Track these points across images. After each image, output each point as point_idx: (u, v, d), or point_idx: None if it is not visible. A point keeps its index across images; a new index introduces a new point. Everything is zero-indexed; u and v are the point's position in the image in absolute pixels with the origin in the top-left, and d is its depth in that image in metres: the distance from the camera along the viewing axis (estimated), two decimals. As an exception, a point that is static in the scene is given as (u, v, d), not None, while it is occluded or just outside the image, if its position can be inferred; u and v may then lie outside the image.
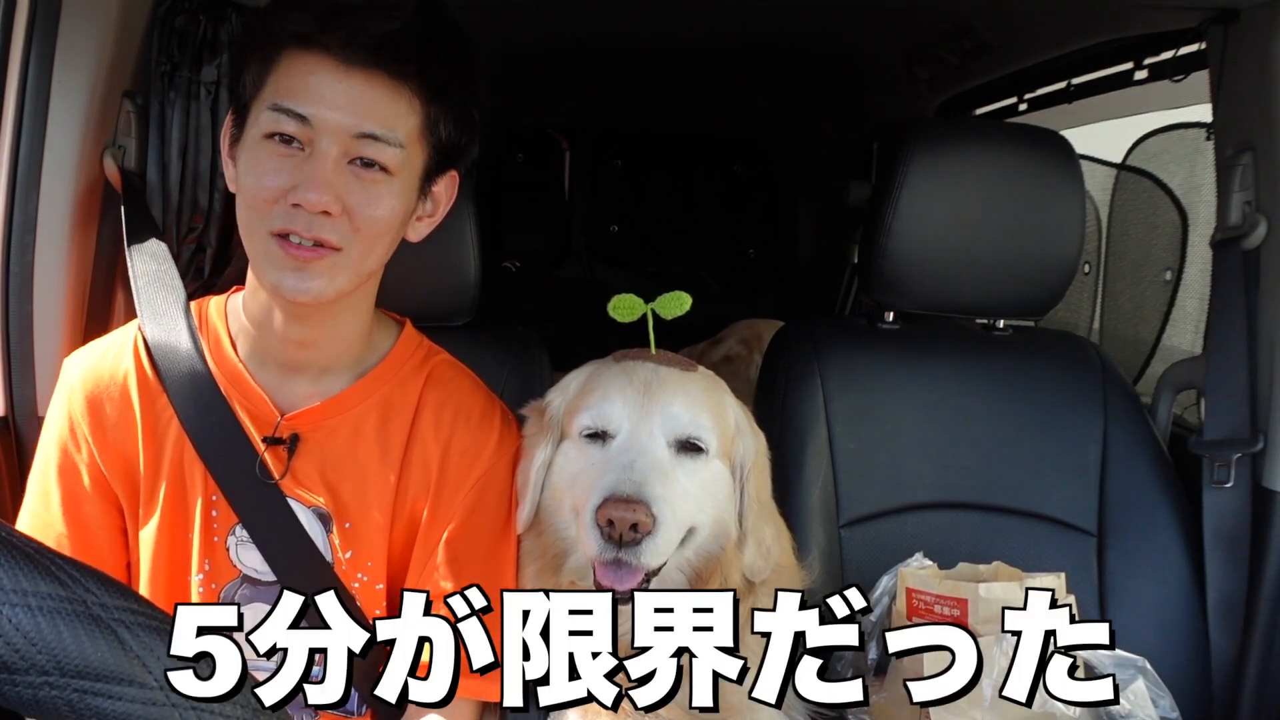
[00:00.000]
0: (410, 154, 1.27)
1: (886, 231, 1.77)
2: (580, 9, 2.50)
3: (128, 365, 1.37)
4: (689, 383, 1.39)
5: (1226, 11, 1.72)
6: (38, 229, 1.55)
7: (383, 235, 1.29)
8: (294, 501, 1.35)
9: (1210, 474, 1.72)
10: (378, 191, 1.25)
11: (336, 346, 1.38)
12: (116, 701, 0.59)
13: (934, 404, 1.82)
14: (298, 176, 1.21)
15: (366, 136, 1.23)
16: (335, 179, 1.22)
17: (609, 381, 1.38)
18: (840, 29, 2.65)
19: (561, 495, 1.38)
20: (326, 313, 1.32)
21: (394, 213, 1.28)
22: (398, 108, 1.25)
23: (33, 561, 0.60)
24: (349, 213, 1.24)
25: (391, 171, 1.26)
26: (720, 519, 1.39)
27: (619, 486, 1.25)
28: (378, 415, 1.39)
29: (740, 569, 1.42)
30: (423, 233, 1.39)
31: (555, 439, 1.42)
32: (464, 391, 1.45)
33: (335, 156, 1.22)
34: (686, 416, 1.34)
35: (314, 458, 1.36)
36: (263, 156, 1.23)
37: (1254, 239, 1.70)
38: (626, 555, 1.24)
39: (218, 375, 1.36)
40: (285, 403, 1.37)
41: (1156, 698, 1.38)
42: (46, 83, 1.51)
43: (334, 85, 1.21)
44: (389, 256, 1.35)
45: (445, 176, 1.38)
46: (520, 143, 4.52)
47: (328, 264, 1.25)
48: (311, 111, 1.21)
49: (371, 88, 1.22)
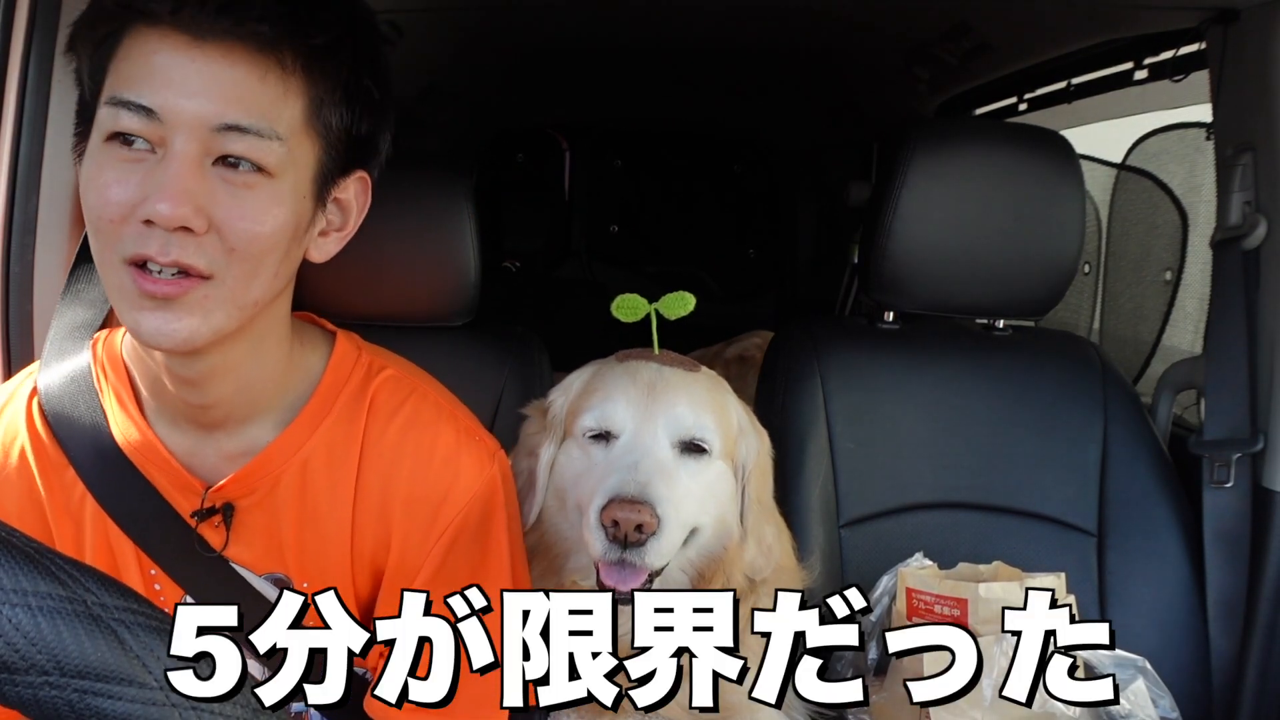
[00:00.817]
0: (294, 149, 1.00)
1: (886, 232, 1.77)
2: (580, 9, 2.50)
3: (23, 440, 1.15)
4: (693, 383, 1.39)
5: (1226, 11, 1.71)
6: (38, 229, 1.55)
7: (265, 255, 1.01)
8: (246, 571, 1.17)
9: (1210, 474, 1.72)
10: (253, 199, 0.98)
11: (247, 398, 1.12)
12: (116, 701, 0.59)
13: (934, 404, 1.82)
14: (147, 186, 0.95)
15: (231, 129, 0.96)
16: (195, 185, 0.95)
17: (612, 382, 1.38)
18: (840, 29, 2.65)
19: (564, 495, 1.38)
20: (220, 369, 1.07)
21: (278, 225, 1.01)
22: (269, 89, 0.97)
23: (32, 561, 0.60)
24: (217, 229, 0.97)
25: (270, 172, 0.99)
26: (723, 519, 1.39)
27: (623, 487, 1.24)
28: (322, 456, 1.16)
29: (742, 568, 1.42)
30: (329, 250, 1.12)
31: (558, 438, 1.42)
32: (418, 423, 1.19)
33: (194, 156, 0.95)
34: (690, 417, 1.34)
35: (256, 521, 1.16)
36: (104, 164, 0.97)
37: (1254, 239, 1.69)
38: (631, 556, 1.24)
39: (126, 446, 1.13)
40: (206, 469, 1.15)
41: (1156, 698, 1.38)
42: (46, 83, 1.51)
43: (184, 66, 0.94)
44: (285, 282, 1.09)
45: (352, 179, 1.11)
46: (520, 143, 4.52)
47: (197, 298, 0.98)
48: (158, 101, 0.94)
49: (232, 65, 0.95)
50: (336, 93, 1.03)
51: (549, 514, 1.40)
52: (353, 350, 1.23)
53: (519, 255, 4.46)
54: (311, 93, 1.01)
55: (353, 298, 1.62)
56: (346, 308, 1.58)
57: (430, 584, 1.18)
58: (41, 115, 1.52)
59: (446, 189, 1.66)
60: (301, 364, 1.18)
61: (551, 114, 4.40)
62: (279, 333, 1.14)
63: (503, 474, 1.26)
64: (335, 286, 1.57)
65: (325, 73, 1.01)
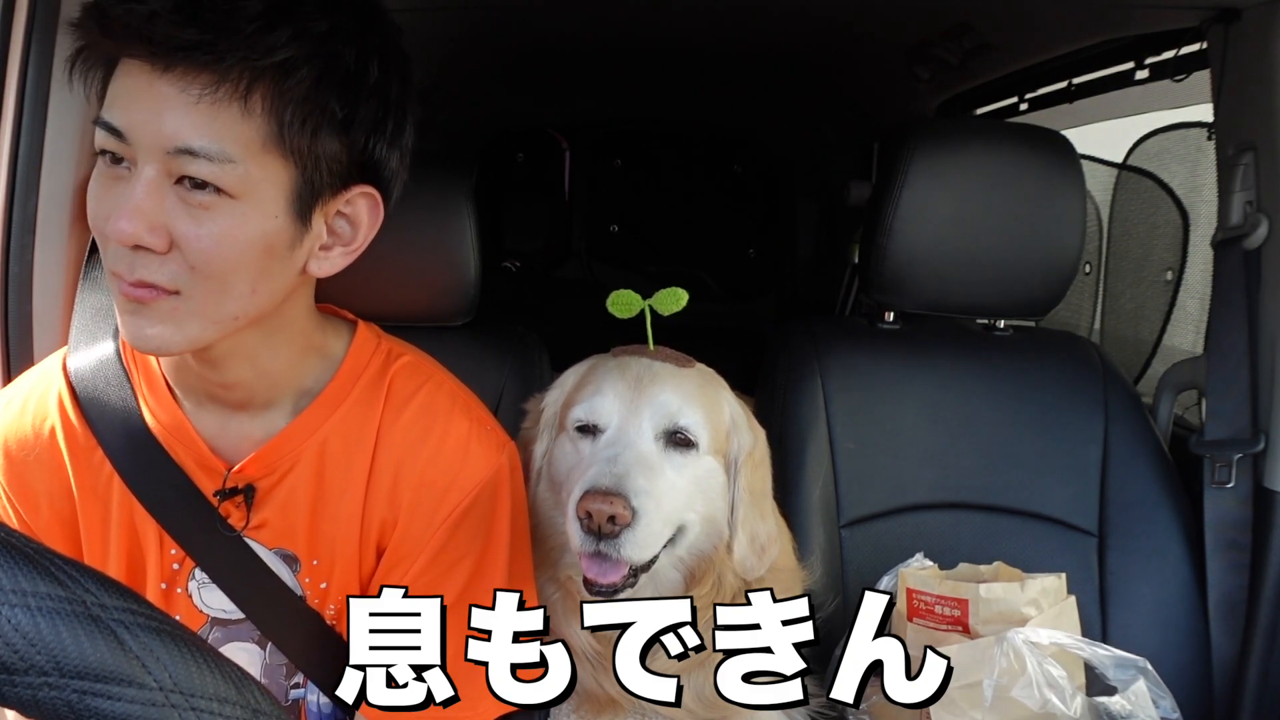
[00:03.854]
0: (255, 171, 1.00)
1: (887, 231, 1.77)
2: (580, 9, 2.50)
3: (53, 420, 1.19)
4: (683, 378, 1.38)
5: (1227, 11, 1.71)
6: (37, 229, 1.55)
7: (231, 274, 1.02)
8: (256, 544, 1.22)
9: (1211, 474, 1.72)
10: (211, 219, 0.99)
11: (265, 383, 1.17)
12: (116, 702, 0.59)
13: (934, 404, 1.82)
14: (115, 203, 0.99)
15: (184, 152, 0.97)
16: (151, 205, 0.98)
17: (602, 376, 1.38)
18: (840, 29, 2.65)
19: (558, 488, 1.38)
20: (233, 353, 1.12)
21: (241, 245, 1.01)
22: (224, 112, 0.97)
23: (32, 562, 0.60)
24: (180, 247, 1.00)
25: (230, 194, 1.00)
26: (712, 517, 1.39)
27: (598, 479, 1.25)
28: (340, 438, 1.21)
29: (732, 567, 1.41)
30: (337, 264, 1.14)
31: (552, 432, 1.42)
32: (433, 409, 1.24)
33: (154, 178, 0.98)
34: (674, 406, 1.34)
35: (274, 501, 1.20)
36: (97, 179, 1.03)
37: (1255, 239, 1.69)
38: (606, 548, 1.24)
39: (156, 427, 1.18)
40: (230, 449, 1.19)
41: (1158, 698, 1.37)
42: (46, 83, 1.51)
43: (147, 89, 0.97)
44: (274, 297, 1.09)
45: (357, 195, 1.10)
46: (520, 143, 4.52)
47: (166, 309, 1.02)
48: (123, 122, 0.98)
49: (188, 88, 0.96)
50: (299, 113, 1.01)
51: (544, 507, 1.41)
52: (372, 338, 1.27)
53: (519, 255, 4.46)
54: (276, 115, 1.00)
55: (353, 297, 1.61)
56: (346, 307, 1.57)
57: (428, 567, 1.21)
58: (41, 115, 1.52)
59: (446, 189, 1.66)
60: (323, 350, 1.23)
61: (551, 114, 4.40)
62: (295, 327, 1.17)
63: (511, 465, 1.29)
64: (335, 286, 1.55)
65: (284, 94, 1.00)
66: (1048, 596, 1.45)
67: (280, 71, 0.99)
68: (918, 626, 1.49)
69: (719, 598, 1.39)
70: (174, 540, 1.20)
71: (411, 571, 1.22)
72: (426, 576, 1.22)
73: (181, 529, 1.19)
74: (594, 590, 1.28)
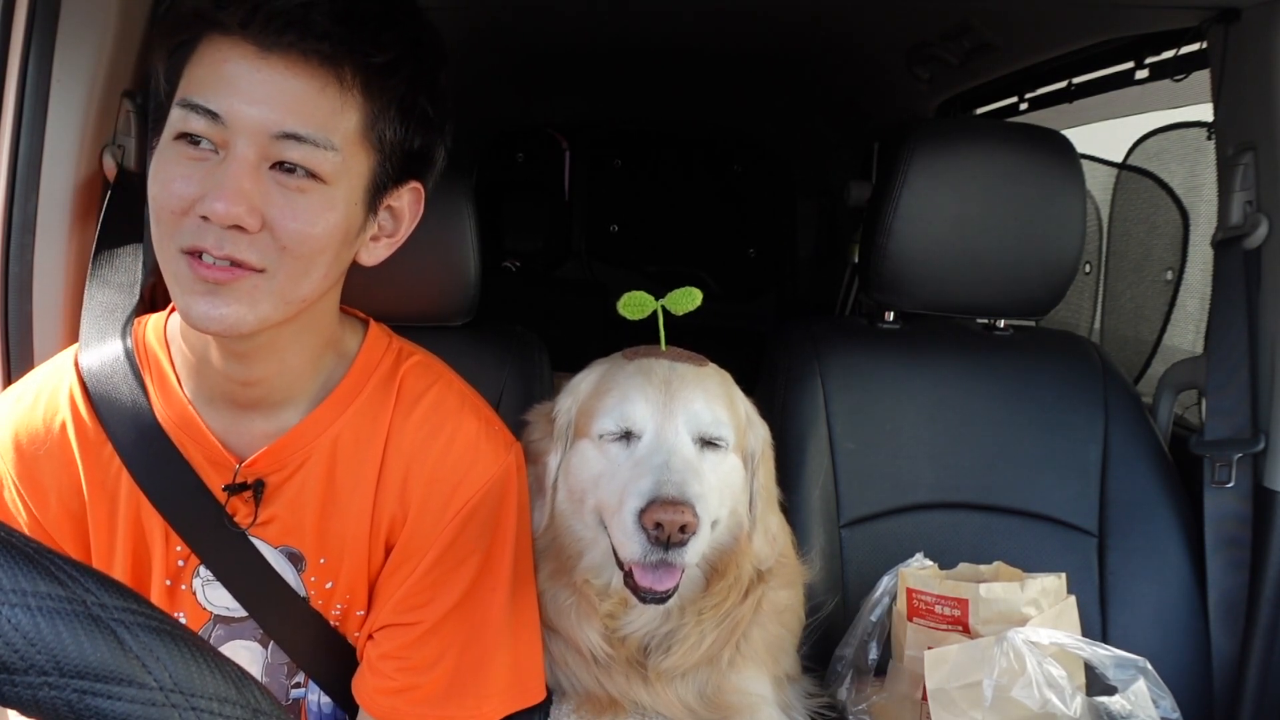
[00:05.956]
0: (349, 159, 1.07)
1: (887, 231, 1.77)
2: (581, 10, 2.50)
3: (64, 415, 1.20)
4: (706, 379, 1.39)
5: (1227, 11, 1.71)
6: (37, 229, 1.55)
7: (317, 256, 1.08)
8: (261, 542, 1.23)
9: (1211, 474, 1.72)
10: (305, 203, 1.05)
11: (285, 380, 1.20)
12: (116, 702, 0.59)
13: (934, 404, 1.82)
14: (207, 184, 1.02)
15: (289, 137, 1.03)
16: (251, 187, 1.02)
17: (626, 381, 1.37)
18: (840, 29, 2.65)
19: (582, 497, 1.37)
20: (267, 347, 1.14)
21: (329, 229, 1.07)
22: (327, 102, 1.04)
23: (32, 561, 0.60)
24: (271, 228, 1.04)
25: (324, 179, 1.06)
26: (736, 511, 1.40)
27: (662, 489, 1.24)
28: (351, 435, 1.23)
29: (751, 559, 1.42)
30: (380, 255, 1.20)
31: (566, 442, 1.41)
32: (442, 408, 1.26)
33: (252, 160, 1.02)
34: (708, 414, 1.35)
35: (283, 497, 1.22)
36: (170, 160, 1.05)
37: (1255, 239, 1.69)
38: (673, 556, 1.23)
39: (165, 423, 1.19)
40: (241, 446, 1.21)
41: (1158, 698, 1.37)
42: (46, 82, 1.51)
43: (250, 75, 1.01)
44: (335, 281, 1.16)
45: (406, 189, 1.18)
46: (520, 143, 4.52)
47: (246, 287, 1.05)
48: (223, 107, 1.01)
49: (294, 77, 1.02)
50: (392, 109, 1.09)
51: (563, 516, 1.40)
52: (384, 337, 1.31)
53: (519, 255, 4.46)
54: (368, 107, 1.07)
55: (353, 297, 1.62)
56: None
57: (436, 563, 1.23)
58: (41, 115, 1.52)
59: (446, 189, 1.66)
60: (339, 347, 1.26)
61: (551, 114, 4.40)
62: (324, 322, 1.21)
63: (518, 465, 1.31)
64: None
65: (382, 90, 1.08)
66: (1048, 596, 1.45)
67: (387, 69, 1.07)
68: (918, 626, 1.49)
69: (737, 589, 1.40)
70: (179, 536, 1.20)
71: (420, 568, 1.23)
72: (434, 573, 1.23)
73: (187, 525, 1.20)
74: (648, 598, 1.29)
